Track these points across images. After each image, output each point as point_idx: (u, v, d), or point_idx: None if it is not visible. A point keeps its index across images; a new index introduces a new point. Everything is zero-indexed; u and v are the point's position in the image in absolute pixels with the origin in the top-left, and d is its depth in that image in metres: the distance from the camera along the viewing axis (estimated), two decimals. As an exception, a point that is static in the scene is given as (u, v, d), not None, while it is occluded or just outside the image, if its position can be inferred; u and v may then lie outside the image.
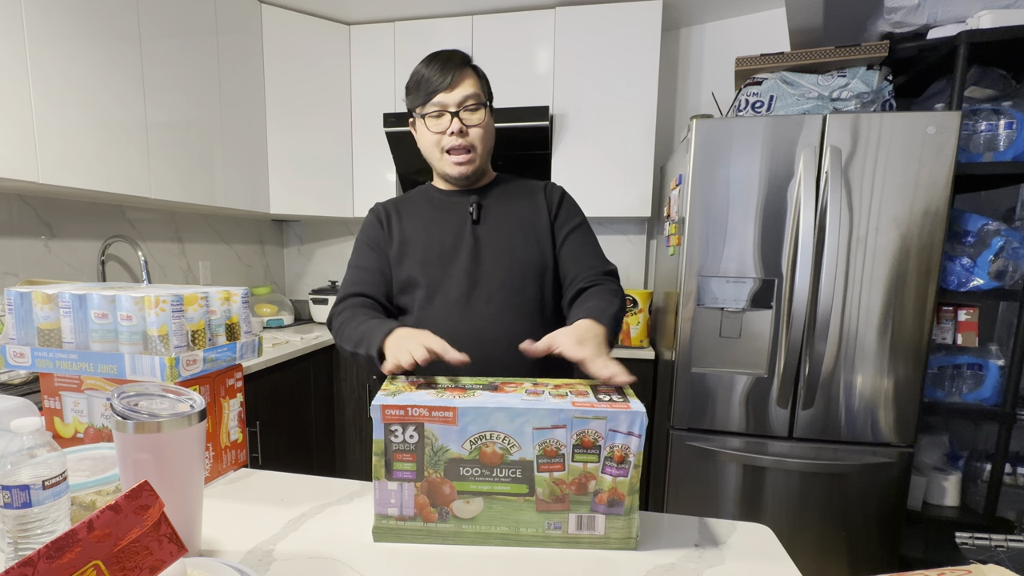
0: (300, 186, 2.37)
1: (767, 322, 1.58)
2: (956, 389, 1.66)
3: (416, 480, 0.65)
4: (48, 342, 0.80)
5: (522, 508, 0.64)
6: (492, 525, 0.64)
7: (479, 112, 0.97)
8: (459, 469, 0.64)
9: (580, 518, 0.64)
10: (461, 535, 0.65)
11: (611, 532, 0.64)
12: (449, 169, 1.00)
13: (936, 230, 1.48)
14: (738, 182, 1.55)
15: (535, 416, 0.62)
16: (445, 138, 0.97)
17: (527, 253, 1.01)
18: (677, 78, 2.40)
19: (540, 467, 0.63)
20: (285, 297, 2.73)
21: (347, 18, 2.33)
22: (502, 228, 1.03)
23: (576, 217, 1.07)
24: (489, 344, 0.95)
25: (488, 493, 0.64)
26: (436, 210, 1.06)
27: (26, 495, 0.53)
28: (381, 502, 0.66)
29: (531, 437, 0.63)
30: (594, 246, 1.07)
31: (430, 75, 0.95)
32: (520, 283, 1.00)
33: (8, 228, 1.55)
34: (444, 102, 0.94)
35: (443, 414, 0.62)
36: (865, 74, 1.58)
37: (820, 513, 1.62)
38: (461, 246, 1.01)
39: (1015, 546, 1.35)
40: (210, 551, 0.64)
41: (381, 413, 0.63)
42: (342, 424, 2.33)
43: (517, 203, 1.06)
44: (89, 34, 1.47)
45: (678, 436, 1.68)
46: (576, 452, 0.63)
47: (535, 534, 0.64)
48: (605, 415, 0.62)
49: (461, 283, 0.99)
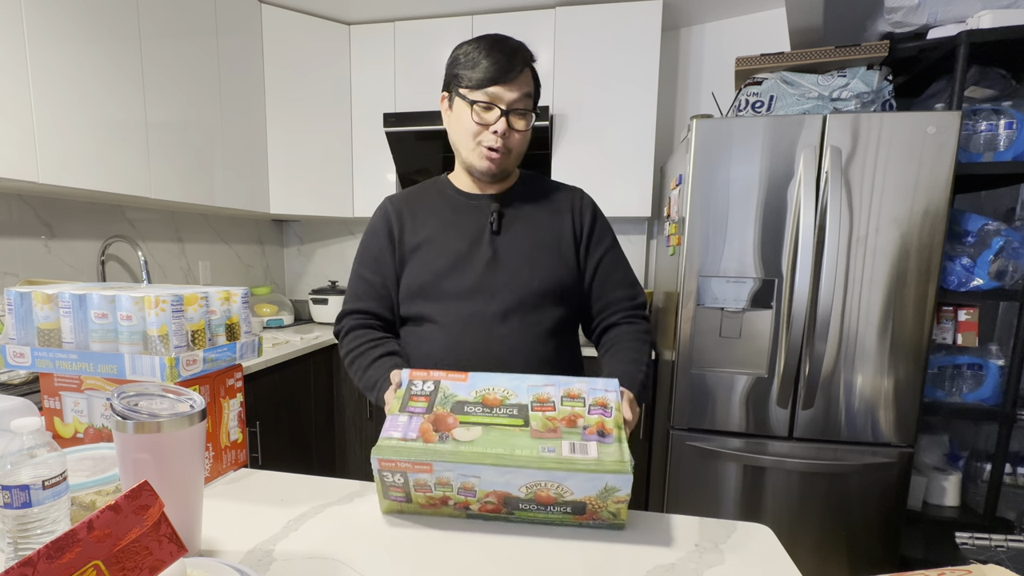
0: (300, 186, 2.37)
1: (767, 322, 1.58)
2: (956, 389, 1.66)
3: (426, 413, 0.71)
4: (48, 342, 0.80)
5: (517, 435, 0.68)
6: (488, 447, 0.66)
7: (525, 119, 0.90)
8: (464, 407, 0.72)
9: (573, 444, 0.66)
10: (458, 454, 0.65)
11: (604, 456, 0.64)
12: (477, 161, 0.92)
13: (936, 230, 1.48)
14: (738, 182, 1.55)
15: (531, 379, 0.77)
16: (486, 134, 0.89)
17: (548, 271, 0.95)
18: (677, 78, 2.40)
19: (534, 408, 0.72)
20: (285, 297, 2.73)
21: (347, 18, 2.33)
22: (523, 241, 0.96)
23: (607, 238, 1.02)
24: (501, 365, 0.92)
25: (487, 424, 0.69)
26: (454, 213, 0.98)
27: (26, 495, 0.53)
28: (389, 428, 0.69)
29: (527, 391, 0.75)
30: (625, 272, 1.02)
31: (493, 62, 0.86)
32: (538, 302, 0.94)
33: (8, 228, 1.55)
34: (500, 96, 0.86)
35: (457, 375, 0.77)
36: (865, 74, 1.58)
37: (820, 513, 1.62)
38: (478, 256, 0.94)
39: (1015, 546, 1.35)
40: (210, 551, 0.64)
41: (409, 374, 0.78)
42: (342, 424, 2.33)
43: (541, 214, 0.98)
44: (89, 34, 1.47)
45: (678, 436, 1.68)
46: (564, 400, 0.73)
47: (530, 455, 0.64)
48: (586, 381, 0.76)
49: (474, 298, 0.93)
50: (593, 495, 0.65)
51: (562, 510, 0.68)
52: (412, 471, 0.66)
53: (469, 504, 0.70)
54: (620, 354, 0.94)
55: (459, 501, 0.69)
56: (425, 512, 0.72)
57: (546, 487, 0.65)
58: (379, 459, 0.66)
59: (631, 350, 0.94)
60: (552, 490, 0.65)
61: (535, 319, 0.94)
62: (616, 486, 0.64)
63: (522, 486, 0.66)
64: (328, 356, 2.23)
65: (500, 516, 0.71)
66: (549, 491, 0.66)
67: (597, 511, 0.68)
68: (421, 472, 0.66)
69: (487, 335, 0.92)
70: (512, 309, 0.93)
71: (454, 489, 0.67)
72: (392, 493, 0.70)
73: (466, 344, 0.93)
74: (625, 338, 0.97)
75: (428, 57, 2.28)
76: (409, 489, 0.69)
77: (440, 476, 0.66)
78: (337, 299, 2.56)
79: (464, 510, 0.71)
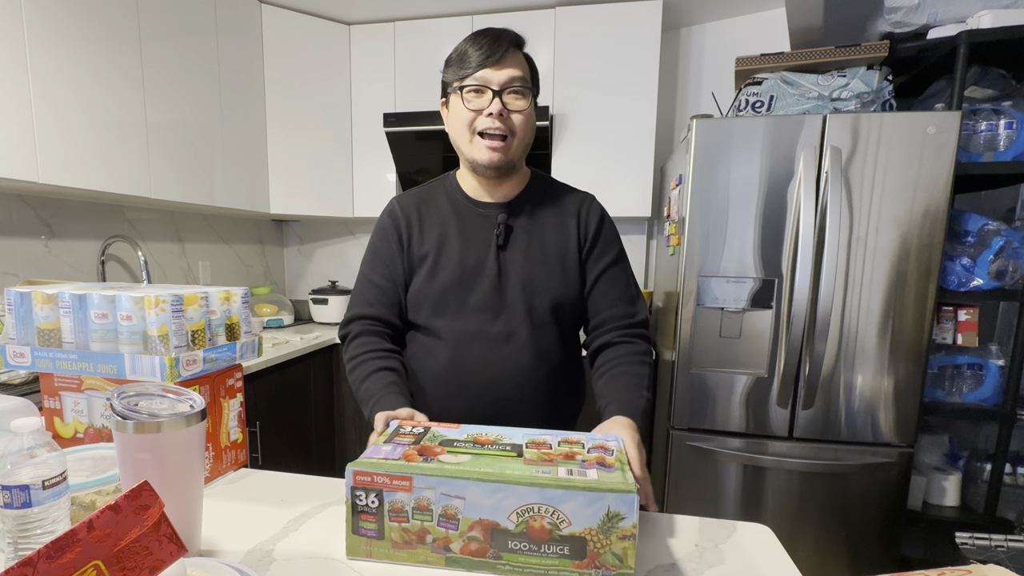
0: (300, 186, 2.37)
1: (767, 322, 1.58)
2: (956, 389, 1.66)
3: (413, 444, 0.67)
4: (48, 342, 0.80)
5: (510, 461, 0.63)
6: (477, 467, 0.60)
7: (524, 98, 0.86)
8: (453, 443, 0.68)
9: (570, 469, 0.61)
10: (442, 469, 0.59)
11: (604, 478, 0.59)
12: (479, 155, 0.87)
13: (936, 230, 1.48)
14: (738, 182, 1.55)
15: (527, 429, 0.74)
16: (481, 118, 0.85)
17: (552, 290, 0.93)
18: (677, 78, 2.40)
19: (528, 447, 0.68)
20: (285, 297, 2.73)
21: (347, 18, 2.33)
22: (529, 258, 0.93)
23: (612, 250, 0.97)
24: (504, 383, 0.91)
25: (477, 454, 0.65)
26: (461, 223, 0.94)
27: (26, 495, 0.53)
28: (371, 452, 0.65)
29: (522, 436, 0.72)
30: (627, 286, 0.97)
31: (476, 49, 0.84)
32: (540, 321, 0.92)
33: (8, 228, 1.55)
34: (488, 79, 0.84)
35: (449, 425, 0.75)
36: (865, 74, 1.58)
37: (820, 513, 1.62)
38: (483, 273, 0.92)
39: (1015, 546, 1.35)
40: (210, 551, 0.64)
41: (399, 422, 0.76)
42: (342, 424, 2.33)
43: (548, 226, 0.95)
44: (89, 34, 1.47)
45: (678, 436, 1.68)
46: (561, 443, 0.69)
47: (521, 475, 0.58)
48: (585, 434, 0.74)
49: (479, 316, 0.91)
50: (594, 526, 0.56)
51: (559, 551, 0.58)
52: (389, 489, 0.59)
53: (450, 541, 0.60)
54: (619, 380, 0.89)
55: (439, 537, 0.59)
56: (398, 557, 0.61)
57: (540, 514, 0.57)
58: (354, 471, 0.59)
59: (630, 375, 0.89)
60: (547, 519, 0.57)
61: (538, 338, 0.92)
62: (620, 512, 0.56)
63: (512, 512, 0.58)
64: (328, 356, 2.23)
65: (486, 563, 0.60)
66: (543, 520, 0.57)
67: (599, 552, 0.57)
68: (399, 491, 0.59)
69: (490, 353, 0.91)
70: (515, 329, 0.91)
71: (434, 517, 0.59)
72: (362, 525, 0.61)
73: (468, 362, 0.92)
74: (623, 362, 0.92)
75: (428, 57, 2.28)
76: (383, 518, 0.60)
77: (420, 497, 0.59)
78: (337, 299, 2.56)
79: (444, 552, 0.60)
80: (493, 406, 0.92)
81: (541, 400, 0.94)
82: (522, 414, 0.92)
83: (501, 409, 0.92)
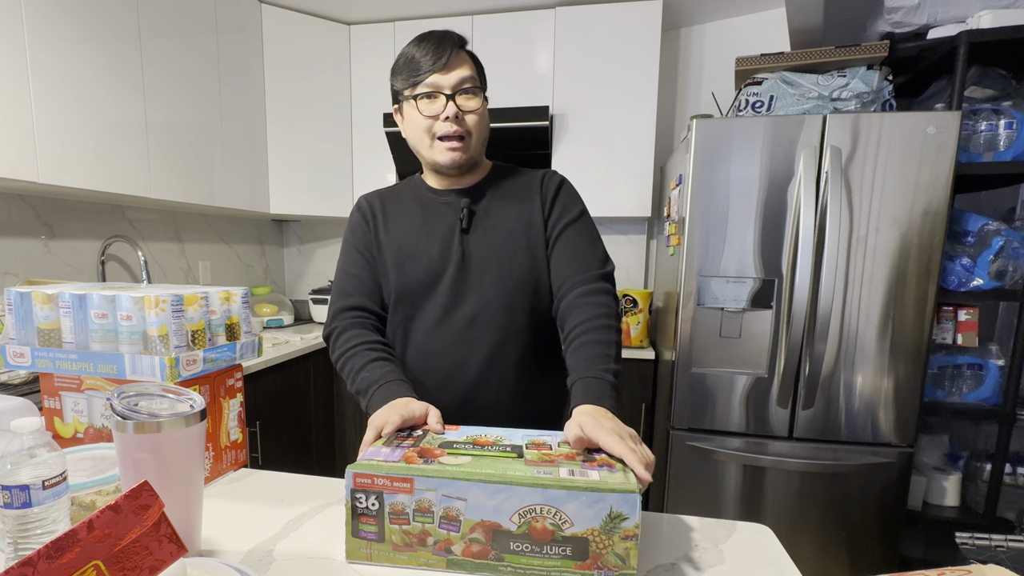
0: (300, 186, 2.37)
1: (767, 322, 1.58)
2: (956, 389, 1.66)
3: (412, 447, 0.67)
4: (48, 342, 0.80)
5: (511, 463, 0.62)
6: (478, 468, 0.61)
7: (476, 97, 0.88)
8: (452, 445, 0.68)
9: (572, 470, 0.61)
10: (444, 471, 0.59)
11: (606, 478, 0.58)
12: (440, 157, 0.90)
13: (936, 230, 1.48)
14: (738, 182, 1.55)
15: (527, 430, 0.74)
16: (438, 123, 0.87)
17: (518, 267, 0.92)
18: (677, 78, 2.40)
19: (528, 448, 0.68)
20: (285, 297, 2.73)
21: (347, 18, 2.33)
22: (493, 238, 0.93)
23: (572, 210, 0.94)
24: (472, 369, 0.91)
25: (478, 456, 0.65)
26: (425, 213, 0.96)
27: (26, 495, 0.53)
28: (370, 454, 0.64)
29: (521, 437, 0.72)
30: (591, 243, 0.93)
31: (423, 55, 0.85)
32: (507, 302, 0.91)
33: (8, 228, 1.55)
34: (438, 83, 0.85)
35: (448, 427, 0.75)
36: (865, 74, 1.58)
37: (820, 513, 1.62)
38: (449, 258, 0.92)
39: (1015, 546, 1.35)
40: (210, 551, 0.64)
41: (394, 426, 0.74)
42: (342, 424, 2.33)
43: (511, 207, 0.95)
44: (89, 34, 1.47)
45: (678, 436, 1.68)
46: (562, 444, 0.70)
47: (523, 476, 0.58)
48: None
49: (443, 301, 0.92)
50: (596, 526, 0.56)
51: (561, 552, 0.58)
52: (390, 491, 0.59)
53: (451, 543, 0.59)
54: (582, 350, 0.81)
55: (440, 539, 0.59)
56: (398, 560, 0.61)
57: (542, 515, 0.57)
58: (355, 473, 0.59)
59: (594, 343, 0.82)
60: (549, 519, 0.57)
61: (507, 318, 0.91)
62: (622, 512, 0.56)
63: (514, 513, 0.58)
64: (328, 356, 2.23)
65: (487, 565, 0.60)
66: (545, 521, 0.57)
67: (602, 553, 0.57)
68: (400, 492, 0.59)
69: (457, 339, 0.91)
70: (480, 311, 0.91)
71: (436, 519, 0.59)
72: (362, 528, 0.61)
73: (439, 349, 0.92)
74: (588, 328, 0.84)
75: (428, 57, 2.28)
76: (384, 520, 0.60)
77: (421, 499, 0.59)
78: (337, 299, 2.56)
79: (445, 554, 0.60)
80: (460, 391, 0.92)
81: (510, 384, 0.92)
82: (494, 402, 0.92)
83: (468, 393, 0.91)
